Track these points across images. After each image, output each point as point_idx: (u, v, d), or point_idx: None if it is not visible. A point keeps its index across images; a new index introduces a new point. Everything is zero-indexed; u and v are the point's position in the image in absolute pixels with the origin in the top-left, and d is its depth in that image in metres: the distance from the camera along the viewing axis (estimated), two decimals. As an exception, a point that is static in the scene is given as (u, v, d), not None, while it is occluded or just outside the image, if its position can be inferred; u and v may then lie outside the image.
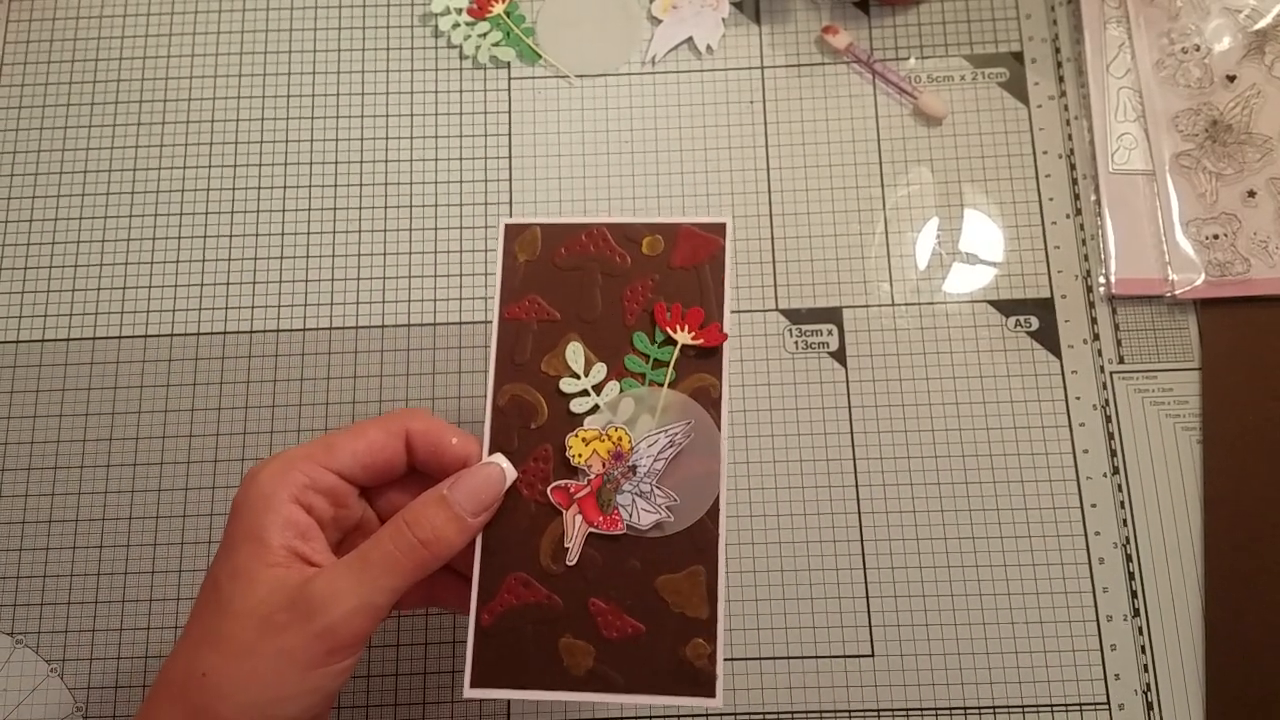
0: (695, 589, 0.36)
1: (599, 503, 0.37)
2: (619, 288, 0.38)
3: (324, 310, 0.53)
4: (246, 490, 0.35)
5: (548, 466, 0.37)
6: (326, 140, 0.56)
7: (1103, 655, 0.48)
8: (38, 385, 0.52)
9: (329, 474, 0.36)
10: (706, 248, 0.38)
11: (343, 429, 0.37)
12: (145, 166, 0.55)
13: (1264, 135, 0.53)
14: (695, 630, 0.35)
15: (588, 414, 0.37)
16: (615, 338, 0.38)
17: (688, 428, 0.37)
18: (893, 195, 0.54)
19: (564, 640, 0.36)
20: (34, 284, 0.54)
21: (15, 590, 0.50)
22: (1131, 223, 0.53)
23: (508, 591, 0.36)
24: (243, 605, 0.33)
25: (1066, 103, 0.55)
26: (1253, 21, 0.55)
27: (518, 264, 0.39)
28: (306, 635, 0.33)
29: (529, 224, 0.39)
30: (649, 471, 0.37)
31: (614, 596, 0.36)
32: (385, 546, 0.35)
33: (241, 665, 0.33)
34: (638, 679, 0.35)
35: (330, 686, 0.34)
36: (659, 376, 0.37)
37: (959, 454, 0.51)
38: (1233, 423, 0.50)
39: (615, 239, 0.39)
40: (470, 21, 0.57)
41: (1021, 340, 0.52)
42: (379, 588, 0.34)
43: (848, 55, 0.56)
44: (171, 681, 0.34)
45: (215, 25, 0.58)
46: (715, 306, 0.38)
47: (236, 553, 0.34)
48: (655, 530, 0.36)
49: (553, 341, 0.38)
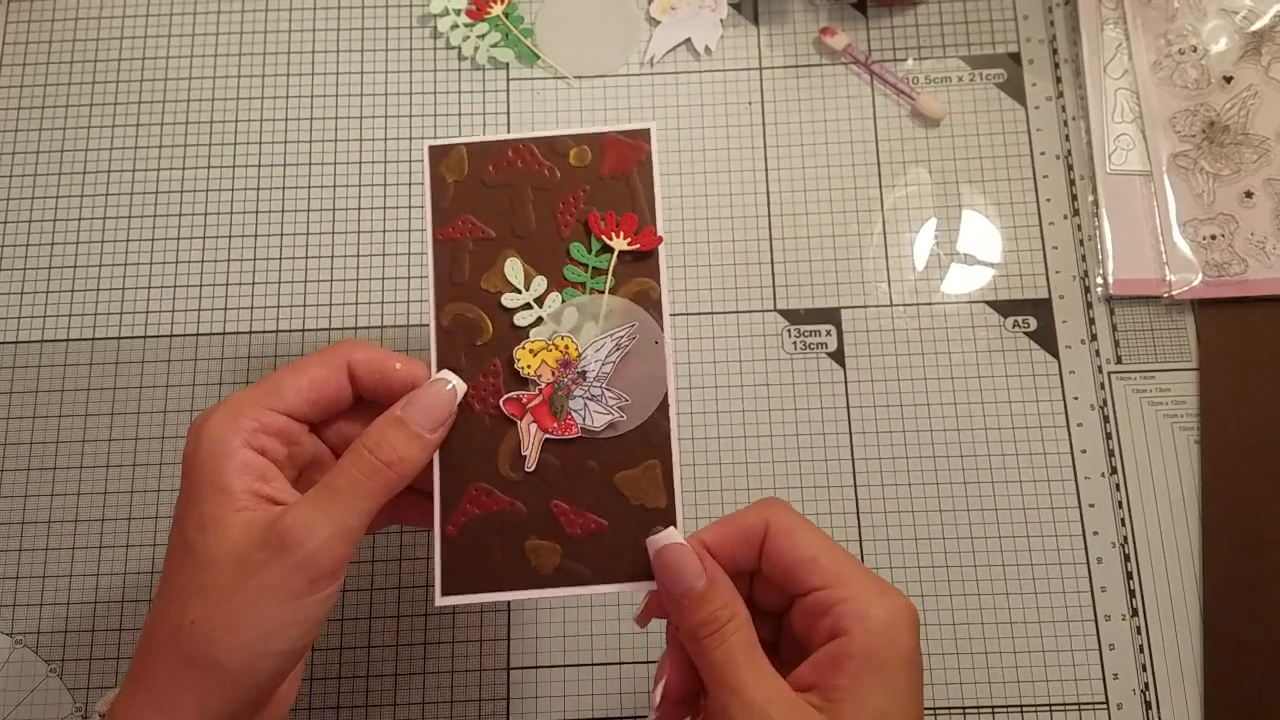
0: (652, 481, 0.37)
1: (552, 410, 0.38)
2: (551, 201, 0.39)
3: (324, 310, 0.53)
4: (197, 441, 0.35)
5: (498, 380, 0.38)
6: (326, 141, 0.56)
7: (1101, 655, 0.48)
8: (37, 385, 0.52)
9: (278, 415, 0.36)
10: (634, 154, 0.39)
11: (284, 368, 0.37)
12: (145, 166, 0.55)
13: (1261, 136, 0.53)
14: (656, 518, 0.37)
15: (532, 326, 0.38)
16: (552, 250, 0.39)
17: (632, 330, 0.38)
18: (891, 196, 0.55)
19: (530, 542, 0.37)
20: (34, 284, 0.54)
21: (15, 590, 0.50)
22: (1129, 223, 0.53)
23: (470, 502, 0.37)
24: (218, 552, 0.34)
25: (1064, 103, 0.55)
26: (1249, 23, 0.55)
27: (446, 185, 0.39)
28: (286, 568, 0.33)
29: (453, 144, 0.39)
30: (598, 375, 0.38)
31: (575, 497, 0.37)
32: (350, 472, 0.35)
33: (228, 608, 0.33)
34: (605, 570, 0.37)
35: (317, 613, 0.35)
36: (599, 284, 0.38)
37: (957, 454, 0.51)
38: (1230, 422, 0.50)
39: (542, 153, 0.39)
40: (469, 23, 0.57)
41: (1019, 340, 0.52)
42: (351, 510, 0.35)
43: (846, 56, 0.56)
44: (158, 633, 0.34)
45: (215, 25, 0.58)
46: (648, 211, 0.39)
47: (201, 504, 0.34)
48: (609, 430, 0.37)
49: (490, 259, 0.39)
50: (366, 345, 0.38)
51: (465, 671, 0.48)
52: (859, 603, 0.34)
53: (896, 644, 0.34)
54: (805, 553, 0.35)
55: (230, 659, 0.33)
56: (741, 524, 0.36)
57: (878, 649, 0.33)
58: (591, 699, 0.48)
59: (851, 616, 0.34)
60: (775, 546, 0.35)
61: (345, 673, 0.48)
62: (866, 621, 0.33)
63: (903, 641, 0.34)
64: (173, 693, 0.34)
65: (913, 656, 0.34)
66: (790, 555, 0.35)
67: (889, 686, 0.33)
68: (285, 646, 0.34)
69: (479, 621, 0.49)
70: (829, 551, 0.35)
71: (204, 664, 0.33)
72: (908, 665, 0.34)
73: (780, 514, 0.36)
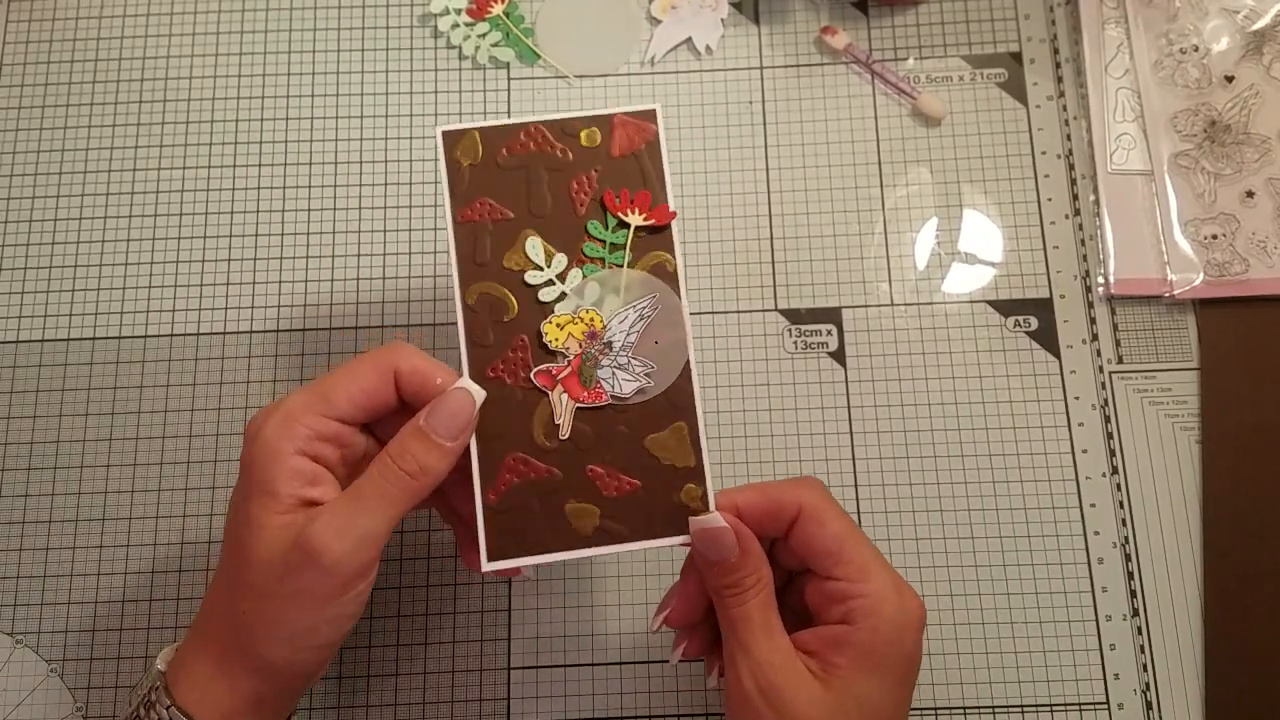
0: (680, 442, 0.39)
1: (581, 379, 0.39)
2: (565, 181, 0.40)
3: (324, 310, 0.53)
4: (251, 447, 0.37)
5: (526, 354, 0.39)
6: (326, 140, 0.56)
7: (1102, 655, 0.48)
8: (38, 385, 0.52)
9: (330, 422, 0.38)
10: (642, 134, 0.41)
11: (336, 373, 0.39)
12: (145, 166, 0.55)
13: (1262, 135, 0.53)
14: (686, 477, 0.39)
15: (556, 301, 0.40)
16: (570, 228, 0.40)
17: (653, 301, 0.40)
18: (892, 195, 0.54)
19: (569, 506, 0.39)
20: (34, 284, 0.54)
21: (15, 590, 0.50)
22: (1130, 223, 0.53)
23: (508, 471, 0.39)
24: (259, 552, 0.36)
25: (1065, 103, 0.55)
26: (1251, 22, 0.55)
27: (461, 168, 0.40)
28: (317, 573, 0.36)
29: (466, 129, 0.41)
30: (624, 345, 0.40)
31: (609, 460, 0.39)
32: (376, 481, 0.37)
33: (269, 605, 0.36)
34: (641, 527, 0.39)
35: (350, 610, 0.37)
36: (618, 259, 0.40)
37: (958, 454, 0.51)
38: (1231, 422, 0.50)
39: (554, 135, 0.41)
40: (469, 22, 0.57)
41: (1020, 340, 0.52)
42: (376, 517, 0.37)
43: (847, 56, 0.56)
44: (214, 615, 0.38)
45: (215, 25, 0.58)
46: (659, 187, 0.40)
47: (249, 504, 0.37)
48: (637, 396, 0.39)
49: (510, 239, 0.40)
50: (412, 354, 0.39)
51: (465, 671, 0.48)
52: (873, 601, 0.36)
53: (899, 643, 0.37)
54: (833, 544, 0.37)
55: (274, 653, 0.37)
56: (776, 499, 0.38)
57: (880, 646, 0.36)
58: (591, 699, 0.48)
59: (863, 613, 0.36)
60: (804, 531, 0.38)
61: (345, 672, 0.48)
62: (876, 620, 0.36)
63: (905, 642, 0.37)
64: (229, 664, 0.37)
65: (912, 657, 0.37)
66: (818, 543, 0.37)
67: (882, 679, 0.36)
68: (322, 641, 0.38)
69: (479, 622, 0.49)
70: (855, 545, 0.37)
71: (252, 653, 0.37)
72: (904, 663, 0.37)
73: (815, 499, 0.38)
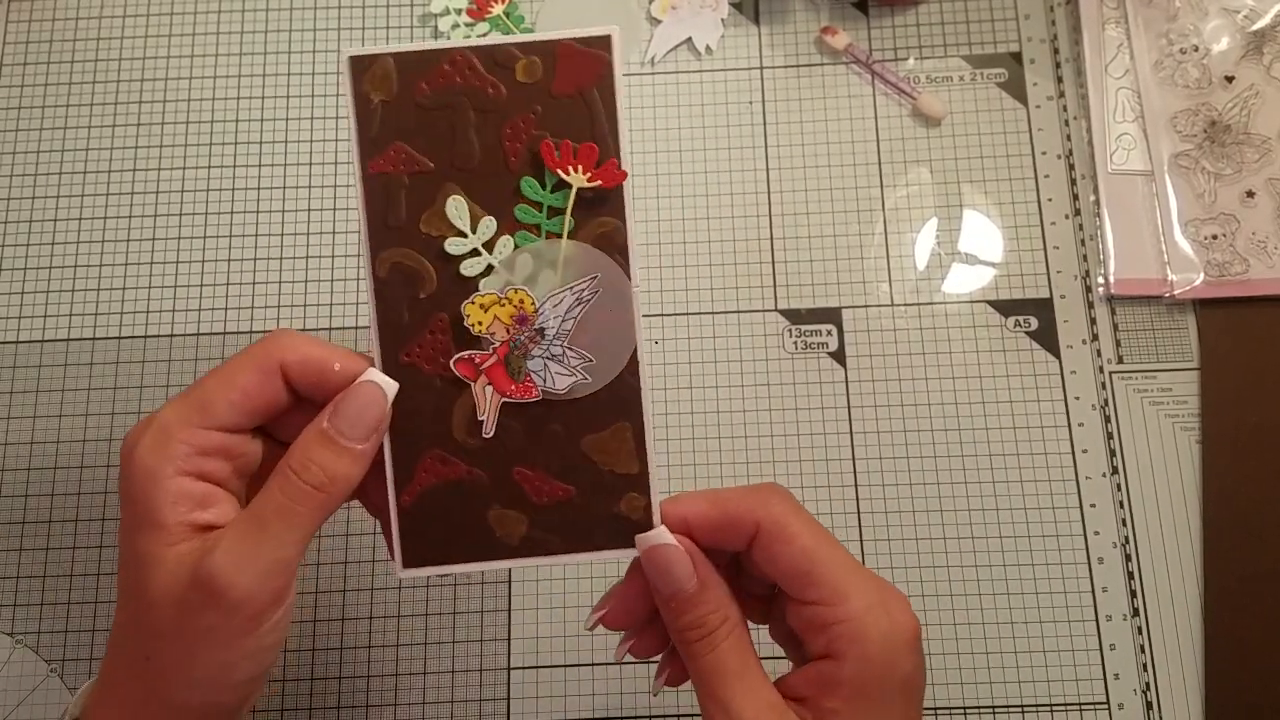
0: (623, 445, 0.34)
1: (509, 371, 0.34)
2: (496, 125, 0.33)
3: (324, 310, 0.53)
4: (128, 470, 0.32)
5: (446, 338, 0.34)
6: (326, 141, 0.56)
7: (1102, 655, 0.48)
8: (38, 385, 0.52)
9: (212, 433, 0.32)
10: (592, 68, 0.33)
11: (210, 377, 0.33)
12: (145, 166, 0.55)
13: (1262, 135, 0.53)
14: (628, 485, 0.34)
15: (481, 276, 0.34)
16: (500, 186, 0.33)
17: (594, 282, 0.34)
18: (892, 196, 0.54)
19: (493, 512, 0.34)
20: (34, 284, 0.54)
21: (15, 590, 0.50)
22: (1130, 223, 0.53)
23: (425, 471, 0.34)
24: (155, 592, 0.32)
25: (1065, 103, 0.55)
26: (1251, 22, 0.55)
27: (372, 106, 0.33)
28: (222, 611, 0.31)
29: (378, 54, 0.33)
30: (558, 333, 0.34)
31: (539, 463, 0.34)
32: (277, 499, 0.32)
33: (174, 648, 0.32)
34: (575, 539, 0.34)
35: (271, 640, 0.33)
36: (555, 226, 0.34)
37: (958, 454, 0.51)
38: (1231, 422, 0.50)
39: (484, 65, 0.33)
40: (470, 22, 0.57)
41: (1020, 340, 0.52)
42: (282, 543, 0.32)
43: (847, 56, 0.56)
44: (119, 660, 0.34)
45: (215, 25, 0.58)
46: (610, 139, 0.33)
47: (136, 539, 0.32)
48: (573, 393, 0.34)
49: (429, 196, 0.33)
50: (300, 341, 0.33)
51: (465, 671, 0.48)
52: (857, 625, 0.32)
53: (894, 669, 0.32)
54: (801, 563, 0.32)
55: (189, 699, 0.32)
56: (731, 512, 0.33)
57: (873, 676, 0.32)
58: (591, 699, 0.48)
59: (847, 640, 0.32)
60: (767, 550, 0.33)
61: (345, 672, 0.48)
62: (862, 646, 0.32)
63: (901, 666, 0.32)
64: (142, 712, 0.33)
65: (910, 680, 0.33)
66: (784, 562, 0.33)
67: (884, 713, 0.32)
68: (243, 677, 0.33)
69: (479, 622, 0.49)
70: (826, 561, 0.32)
71: (165, 700, 0.33)
72: (904, 690, 0.32)
73: (776, 513, 0.33)
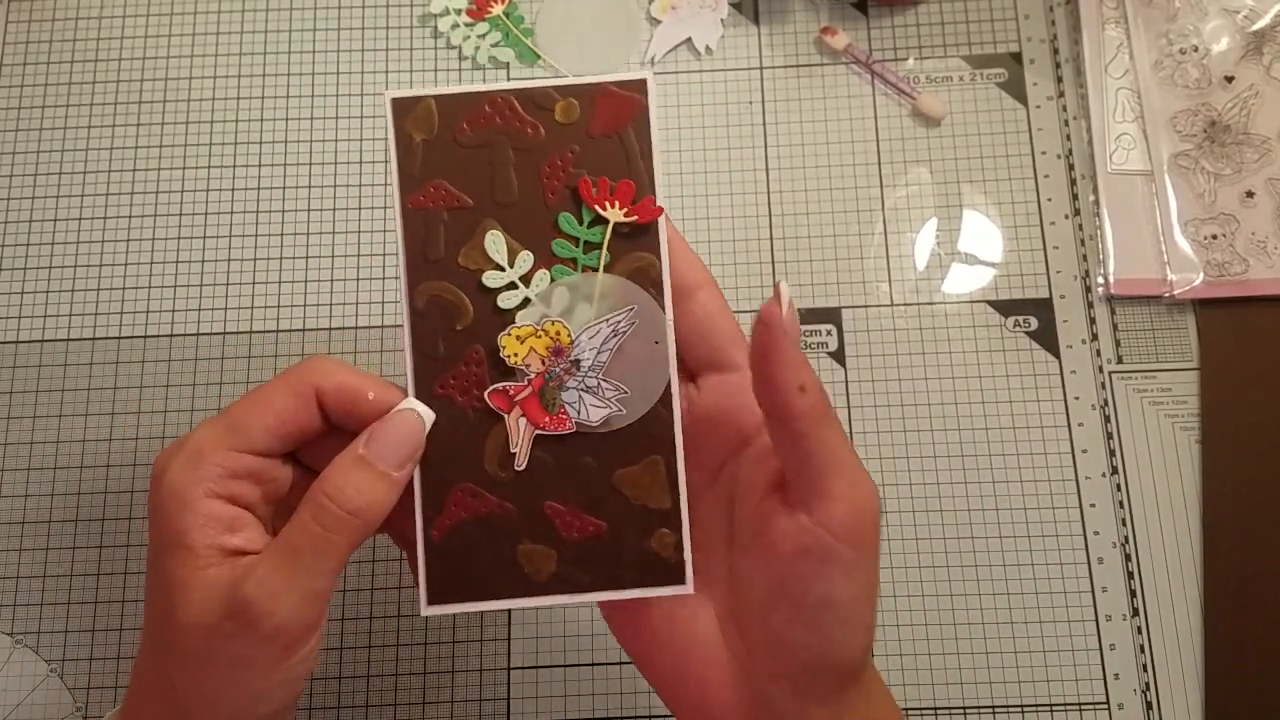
0: (655, 480, 0.34)
1: (543, 403, 0.34)
2: (535, 164, 0.35)
3: (324, 311, 0.53)
4: (158, 492, 0.32)
5: (481, 370, 0.34)
6: (326, 140, 0.56)
7: (1102, 655, 0.48)
8: (38, 385, 0.52)
9: (243, 456, 0.33)
10: (628, 110, 0.35)
11: (245, 400, 0.33)
12: (145, 166, 0.55)
13: (1262, 136, 0.53)
14: (659, 521, 0.34)
15: (518, 309, 0.34)
16: (538, 221, 0.34)
17: (630, 314, 0.34)
18: (891, 196, 0.54)
19: (522, 547, 0.34)
20: (34, 284, 0.54)
21: (15, 590, 0.50)
22: (1130, 223, 0.53)
23: (455, 504, 0.34)
24: (184, 617, 0.31)
25: (1065, 103, 0.55)
26: (1250, 22, 0.55)
27: (414, 145, 0.35)
28: (256, 640, 0.31)
29: (420, 96, 0.35)
30: (593, 365, 0.34)
31: (570, 497, 0.34)
32: (310, 528, 0.32)
33: (205, 675, 0.32)
34: (604, 577, 0.34)
35: (303, 670, 0.32)
36: (592, 260, 0.34)
37: (958, 454, 0.51)
38: (1231, 423, 0.50)
39: (524, 108, 0.35)
40: (469, 22, 0.57)
41: (1020, 340, 0.52)
42: (315, 573, 0.31)
43: (846, 56, 0.56)
44: (147, 683, 0.33)
45: (215, 25, 0.58)
46: (646, 177, 0.35)
47: (165, 561, 0.32)
48: (606, 425, 0.34)
49: (468, 231, 0.34)
50: (336, 368, 0.34)
51: (465, 671, 0.48)
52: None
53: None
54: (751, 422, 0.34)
55: None
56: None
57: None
58: (591, 699, 0.48)
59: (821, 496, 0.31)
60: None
61: (345, 672, 0.48)
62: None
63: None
64: None
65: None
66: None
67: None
68: (275, 707, 0.33)
69: (479, 621, 0.49)
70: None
71: None
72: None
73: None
